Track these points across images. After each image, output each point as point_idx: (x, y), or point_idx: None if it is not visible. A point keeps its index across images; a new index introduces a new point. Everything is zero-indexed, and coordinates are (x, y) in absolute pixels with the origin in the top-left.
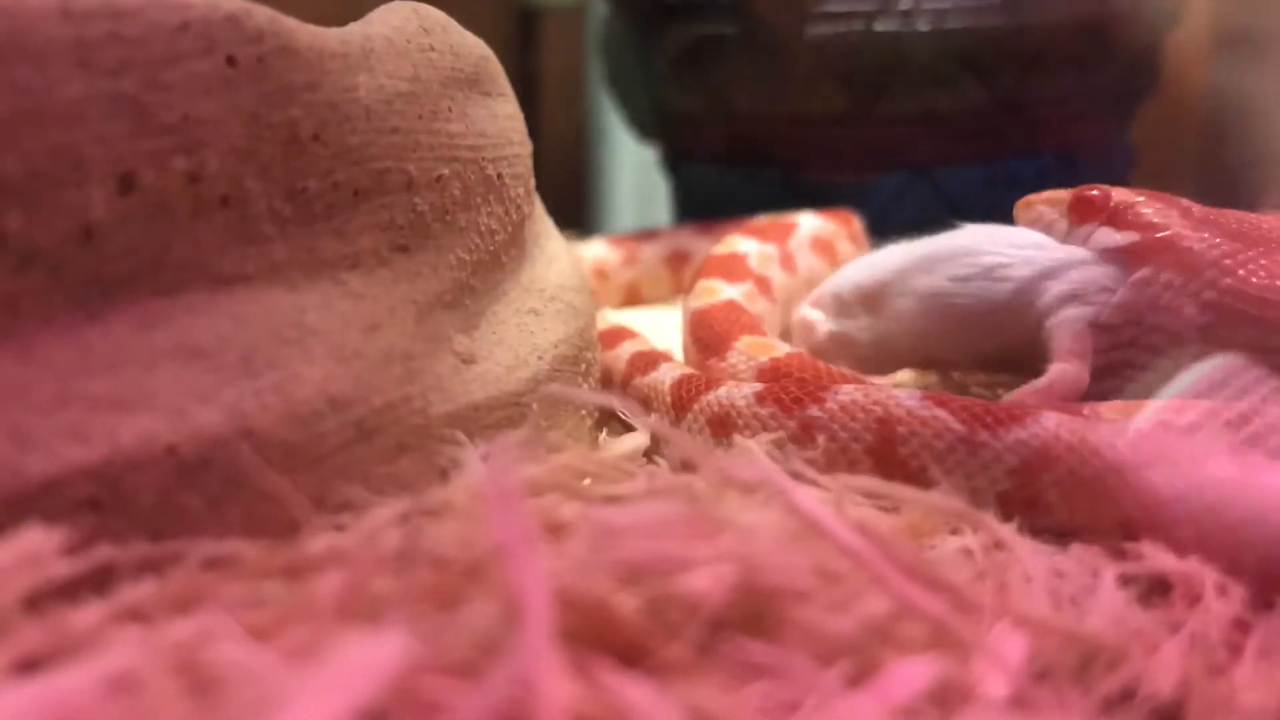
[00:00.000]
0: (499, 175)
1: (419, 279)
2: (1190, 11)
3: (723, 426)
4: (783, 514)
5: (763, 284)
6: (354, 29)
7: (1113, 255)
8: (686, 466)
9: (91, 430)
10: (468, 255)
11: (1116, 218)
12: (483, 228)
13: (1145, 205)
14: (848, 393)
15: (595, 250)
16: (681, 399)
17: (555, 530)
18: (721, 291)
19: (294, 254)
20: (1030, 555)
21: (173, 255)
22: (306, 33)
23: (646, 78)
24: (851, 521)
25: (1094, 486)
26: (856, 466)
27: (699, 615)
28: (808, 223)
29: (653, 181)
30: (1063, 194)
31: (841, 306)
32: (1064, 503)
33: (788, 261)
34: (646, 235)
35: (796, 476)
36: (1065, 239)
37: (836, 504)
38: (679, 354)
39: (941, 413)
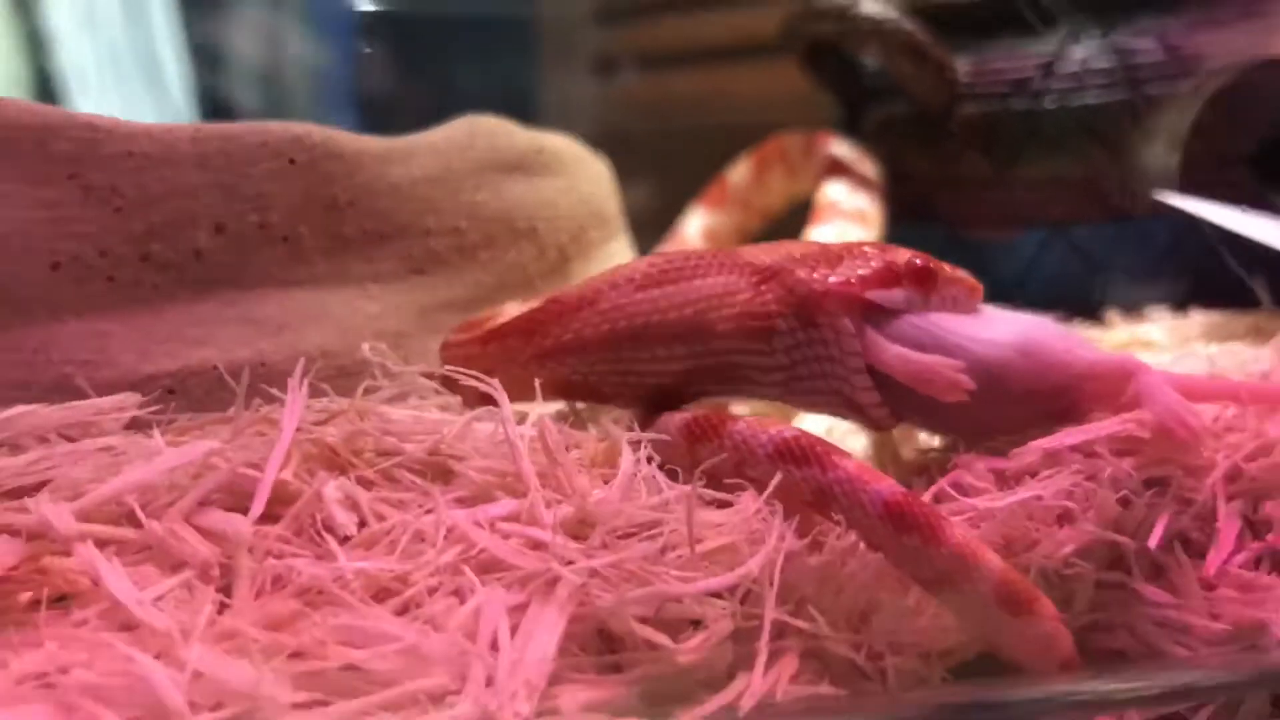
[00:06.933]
0: (533, 228)
1: (432, 290)
2: None
3: None
4: None
5: None
6: (414, 137)
7: None
8: None
9: (178, 353)
10: (489, 278)
11: None
12: (509, 261)
13: None
14: None
15: None
16: None
17: None
18: None
19: (332, 271)
20: None
21: (250, 268)
22: (352, 141)
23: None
24: None
25: None
26: None
27: None
28: None
29: None
30: None
31: None
32: None
33: None
34: None
35: None
36: None
37: None
38: None
39: None
